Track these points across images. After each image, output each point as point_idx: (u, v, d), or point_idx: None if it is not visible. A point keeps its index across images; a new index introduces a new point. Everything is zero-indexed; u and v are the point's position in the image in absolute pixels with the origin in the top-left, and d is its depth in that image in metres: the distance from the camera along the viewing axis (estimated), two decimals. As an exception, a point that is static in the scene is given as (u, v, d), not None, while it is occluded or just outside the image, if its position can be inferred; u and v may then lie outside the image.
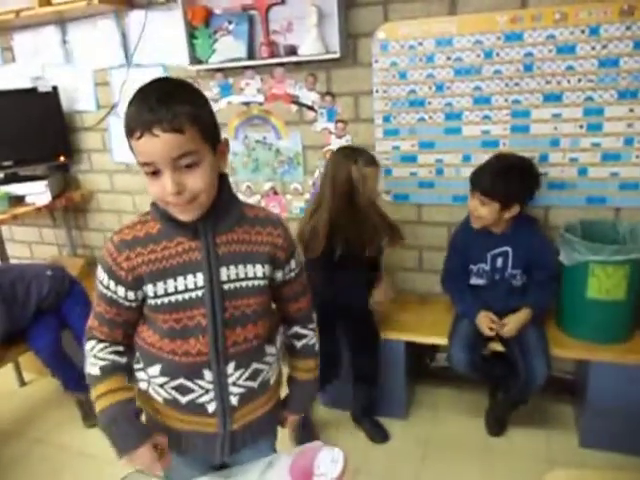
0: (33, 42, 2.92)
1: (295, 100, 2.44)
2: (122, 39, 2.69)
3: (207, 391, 1.06)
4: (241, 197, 1.13)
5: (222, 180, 1.03)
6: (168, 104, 0.88)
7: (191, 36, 2.40)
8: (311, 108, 2.42)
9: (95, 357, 1.06)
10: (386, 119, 2.32)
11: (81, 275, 2.83)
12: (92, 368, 1.06)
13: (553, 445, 2.11)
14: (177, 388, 1.06)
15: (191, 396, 1.06)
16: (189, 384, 1.05)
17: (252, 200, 2.64)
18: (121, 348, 1.09)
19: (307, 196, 2.56)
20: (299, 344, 1.23)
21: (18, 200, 2.78)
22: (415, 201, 2.39)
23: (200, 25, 2.38)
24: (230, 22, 2.36)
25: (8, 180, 2.82)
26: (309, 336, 1.24)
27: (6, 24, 2.75)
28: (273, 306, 1.18)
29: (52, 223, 3.22)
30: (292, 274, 1.14)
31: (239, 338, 1.05)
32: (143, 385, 1.12)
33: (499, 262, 2.07)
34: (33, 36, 2.89)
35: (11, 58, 2.99)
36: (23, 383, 2.87)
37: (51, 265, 2.54)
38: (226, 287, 1.02)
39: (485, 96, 2.15)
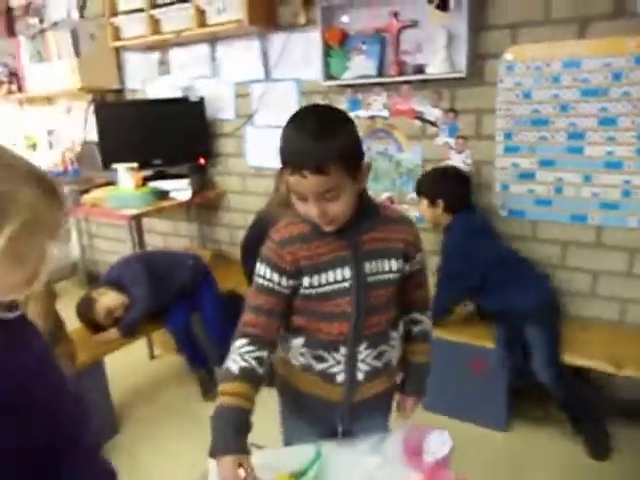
0: (186, 57, 3.31)
1: (419, 116, 2.58)
2: (263, 56, 2.98)
3: (339, 363, 1.23)
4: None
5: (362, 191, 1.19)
6: (319, 142, 1.01)
7: (326, 55, 2.64)
8: (434, 124, 2.56)
9: (240, 355, 1.13)
10: (507, 136, 2.39)
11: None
12: (233, 365, 1.12)
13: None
14: (315, 357, 1.24)
15: (324, 365, 1.24)
16: (325, 355, 1.23)
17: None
18: (265, 354, 1.15)
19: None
20: (416, 329, 1.36)
21: (163, 195, 3.14)
22: (530, 218, 2.43)
23: (335, 45, 2.61)
24: (364, 42, 2.56)
25: (157, 177, 3.21)
26: (425, 322, 1.37)
27: (167, 42, 3.16)
28: None
29: (186, 217, 3.59)
30: (417, 266, 1.29)
31: (373, 322, 1.22)
32: (284, 352, 1.30)
33: None
34: (186, 52, 3.28)
35: (167, 70, 3.41)
36: (152, 357, 3.18)
37: (191, 255, 2.87)
38: (369, 279, 1.19)
39: (611, 117, 2.17)
